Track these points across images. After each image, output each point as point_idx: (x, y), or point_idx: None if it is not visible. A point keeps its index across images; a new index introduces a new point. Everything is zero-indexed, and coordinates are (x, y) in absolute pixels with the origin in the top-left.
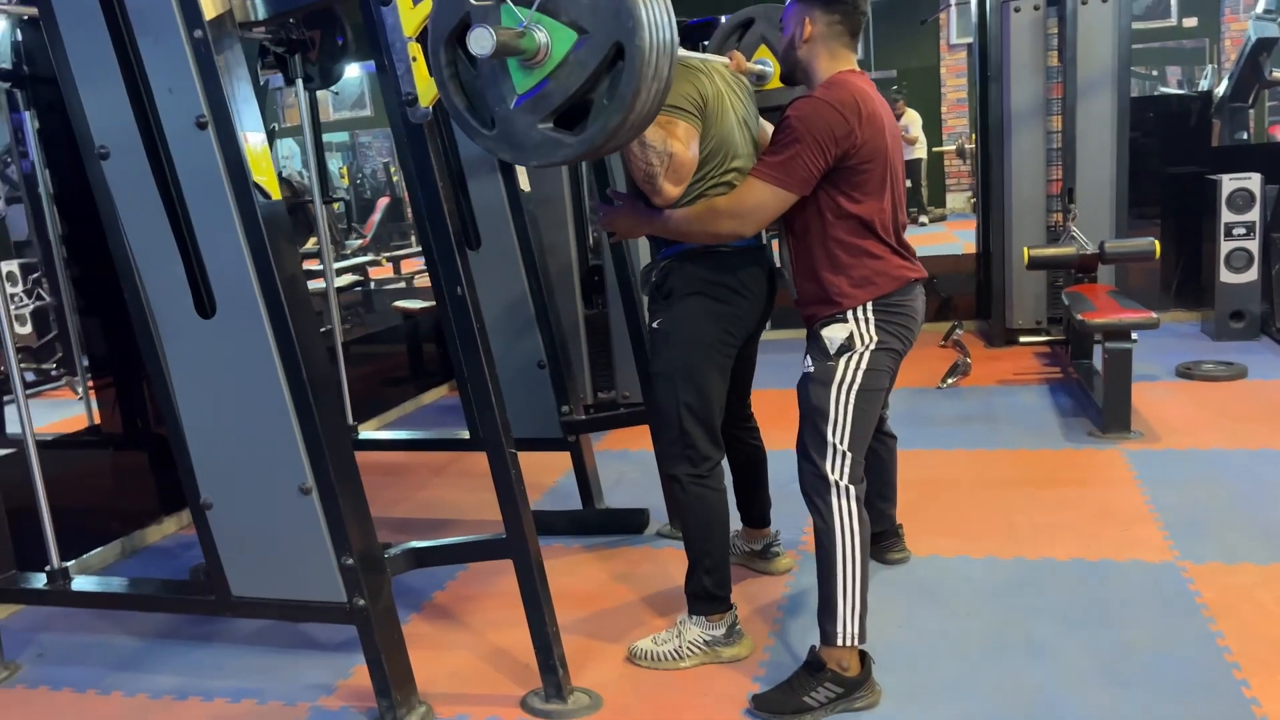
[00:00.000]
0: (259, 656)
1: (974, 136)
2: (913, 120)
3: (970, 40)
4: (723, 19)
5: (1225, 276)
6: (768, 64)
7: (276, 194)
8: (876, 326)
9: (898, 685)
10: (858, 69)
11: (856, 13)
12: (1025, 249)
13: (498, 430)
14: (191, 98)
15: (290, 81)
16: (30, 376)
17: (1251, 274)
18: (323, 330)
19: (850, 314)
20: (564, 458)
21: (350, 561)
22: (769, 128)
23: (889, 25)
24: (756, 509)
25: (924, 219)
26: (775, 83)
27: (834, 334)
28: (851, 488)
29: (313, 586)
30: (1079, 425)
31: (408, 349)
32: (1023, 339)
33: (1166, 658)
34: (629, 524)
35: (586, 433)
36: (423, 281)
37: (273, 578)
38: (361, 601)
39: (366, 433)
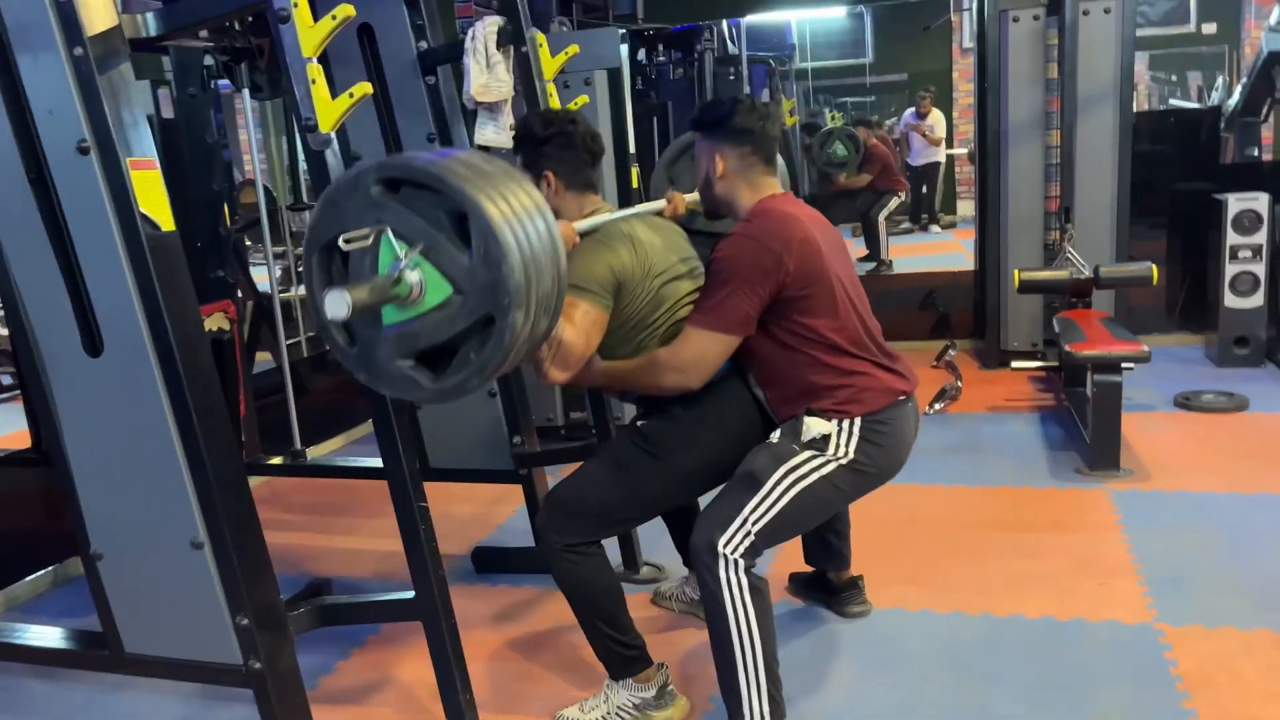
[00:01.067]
0: (180, 708)
1: None
2: (938, 120)
3: None
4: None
5: (1230, 301)
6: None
7: (168, 224)
8: (858, 446)
9: None
10: (780, 191)
11: (767, 139)
12: (1016, 271)
13: (405, 483)
14: (72, 120)
15: (239, 90)
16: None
17: (1258, 299)
18: (290, 343)
19: (838, 420)
20: (518, 490)
21: (245, 622)
22: None
23: (899, 26)
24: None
25: (935, 227)
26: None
27: (814, 426)
28: (742, 562)
29: (207, 646)
30: (1067, 461)
31: None
32: (1015, 364)
33: None
34: None
35: (540, 465)
36: None
37: (166, 635)
38: (257, 664)
39: (316, 458)
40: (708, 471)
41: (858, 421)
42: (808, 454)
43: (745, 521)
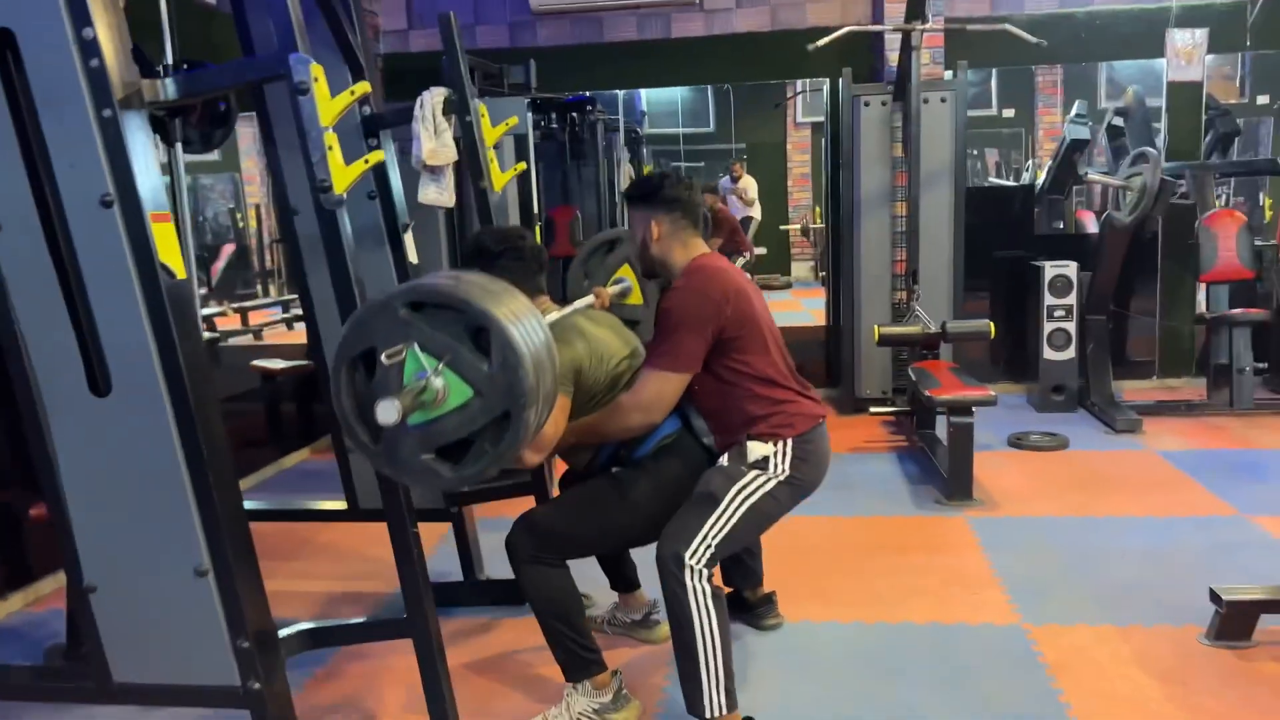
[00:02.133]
0: None
1: (818, 212)
2: (750, 185)
3: (818, 119)
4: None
5: (1047, 354)
6: (626, 280)
7: (181, 273)
8: (791, 463)
9: None
10: (708, 250)
11: (694, 206)
12: (876, 327)
13: (402, 510)
14: (96, 175)
15: (171, 144)
16: None
17: (1070, 352)
18: None
19: (774, 441)
20: (436, 527)
21: (245, 644)
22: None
23: (742, 103)
24: (625, 570)
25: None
26: (635, 298)
27: (756, 449)
28: (705, 571)
29: (204, 670)
30: (926, 493)
31: (266, 410)
32: (873, 409)
33: (1018, 716)
34: (512, 595)
35: (470, 504)
36: (273, 336)
37: (160, 662)
38: (256, 685)
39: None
40: (664, 515)
41: (790, 442)
42: (753, 473)
43: (706, 535)
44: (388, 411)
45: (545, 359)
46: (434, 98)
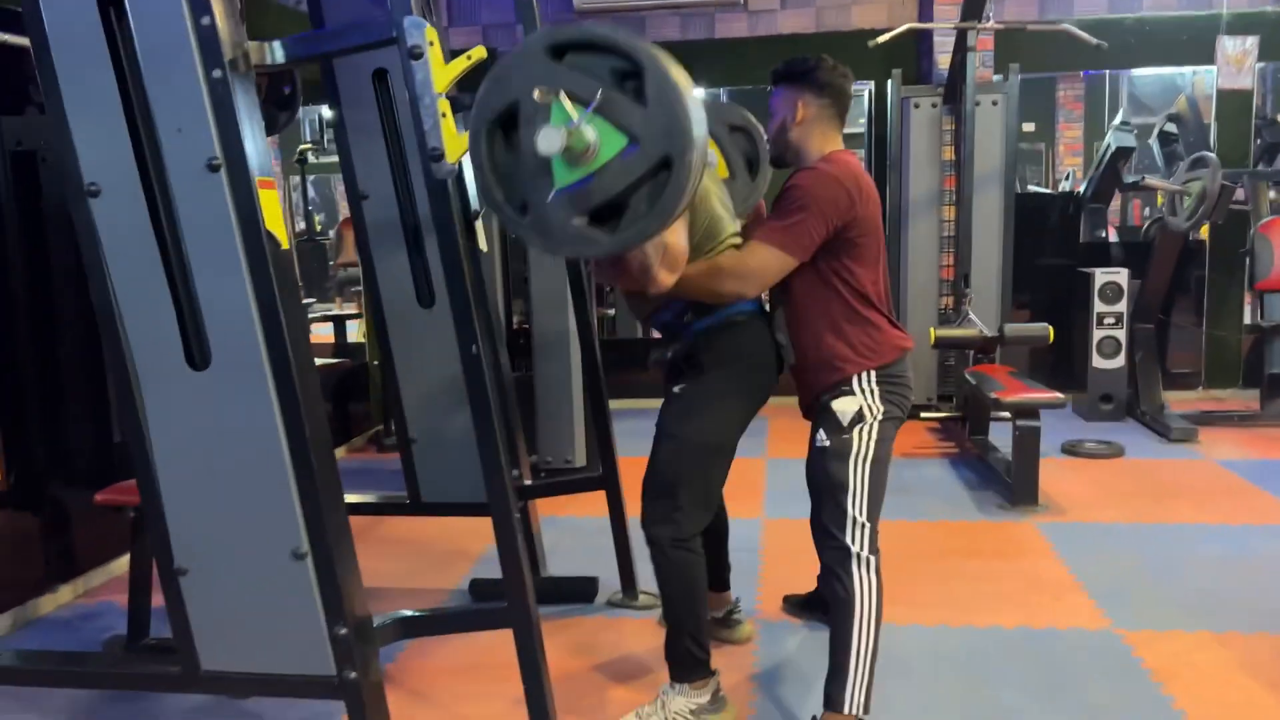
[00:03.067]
0: None
1: None
2: None
3: (855, 130)
4: None
5: (1096, 362)
6: (712, 156)
7: (286, 243)
8: (882, 397)
9: None
10: (845, 148)
11: (845, 96)
12: (931, 330)
13: (505, 495)
14: (204, 139)
15: None
16: None
17: (1119, 360)
18: None
19: (855, 384)
20: (489, 524)
21: (344, 631)
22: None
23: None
24: (719, 571)
25: None
26: (721, 170)
27: (845, 407)
28: (871, 558)
29: (297, 658)
30: (988, 498)
31: None
32: (924, 414)
33: None
34: (578, 593)
35: (534, 498)
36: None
37: (250, 649)
38: (353, 674)
39: None
40: (745, 410)
41: (873, 375)
42: (856, 432)
43: (854, 517)
44: (550, 140)
45: (699, 105)
46: None
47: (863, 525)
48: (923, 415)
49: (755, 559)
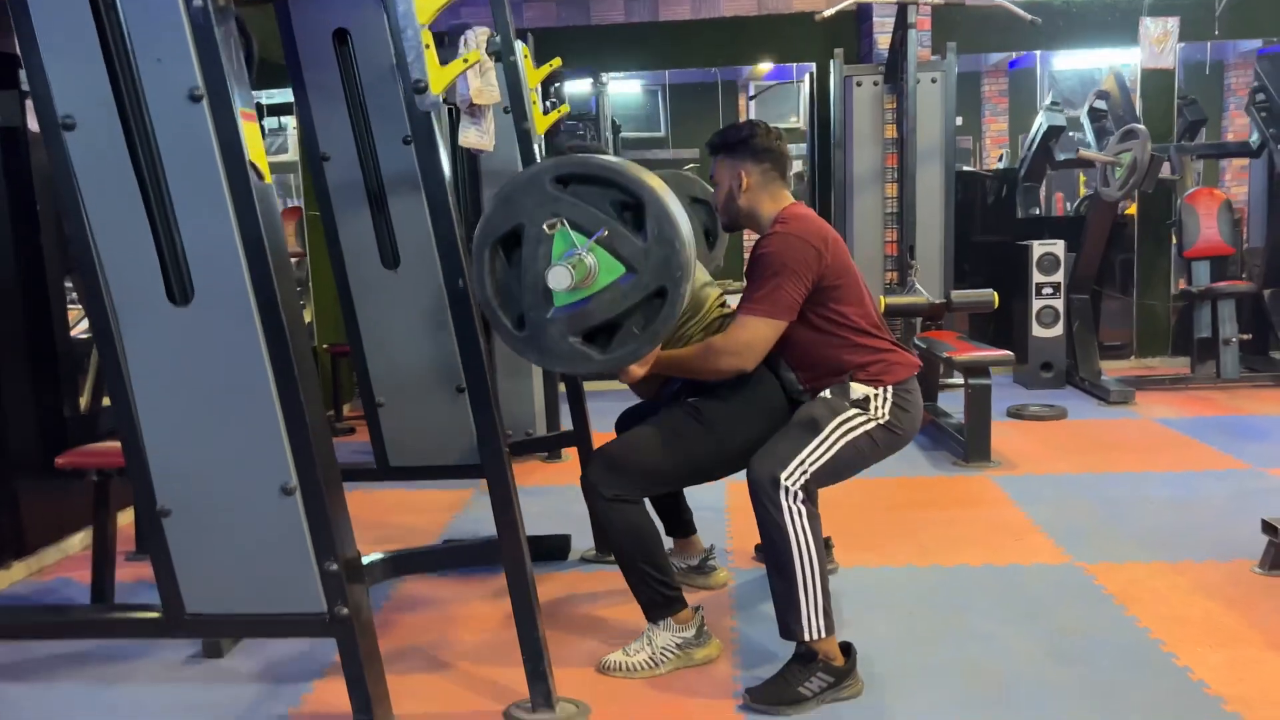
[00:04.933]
0: (186, 694)
1: None
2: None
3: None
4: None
5: (1036, 330)
6: None
7: (268, 176)
8: (891, 409)
9: (871, 677)
10: (793, 200)
11: (784, 157)
12: (881, 298)
13: (495, 432)
14: (185, 69)
15: None
16: None
17: (1058, 329)
18: None
19: (872, 385)
20: (460, 495)
21: (334, 567)
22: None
23: (690, 104)
24: (683, 515)
25: None
26: None
27: (858, 388)
28: (801, 493)
29: (286, 597)
30: (942, 457)
31: None
32: None
33: (1100, 639)
34: (551, 551)
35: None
36: None
37: (237, 590)
38: (344, 610)
39: None
40: (746, 449)
41: (890, 389)
42: (855, 410)
43: (804, 461)
44: (560, 277)
45: (692, 236)
46: (479, 36)
47: (805, 474)
48: None
49: (722, 517)
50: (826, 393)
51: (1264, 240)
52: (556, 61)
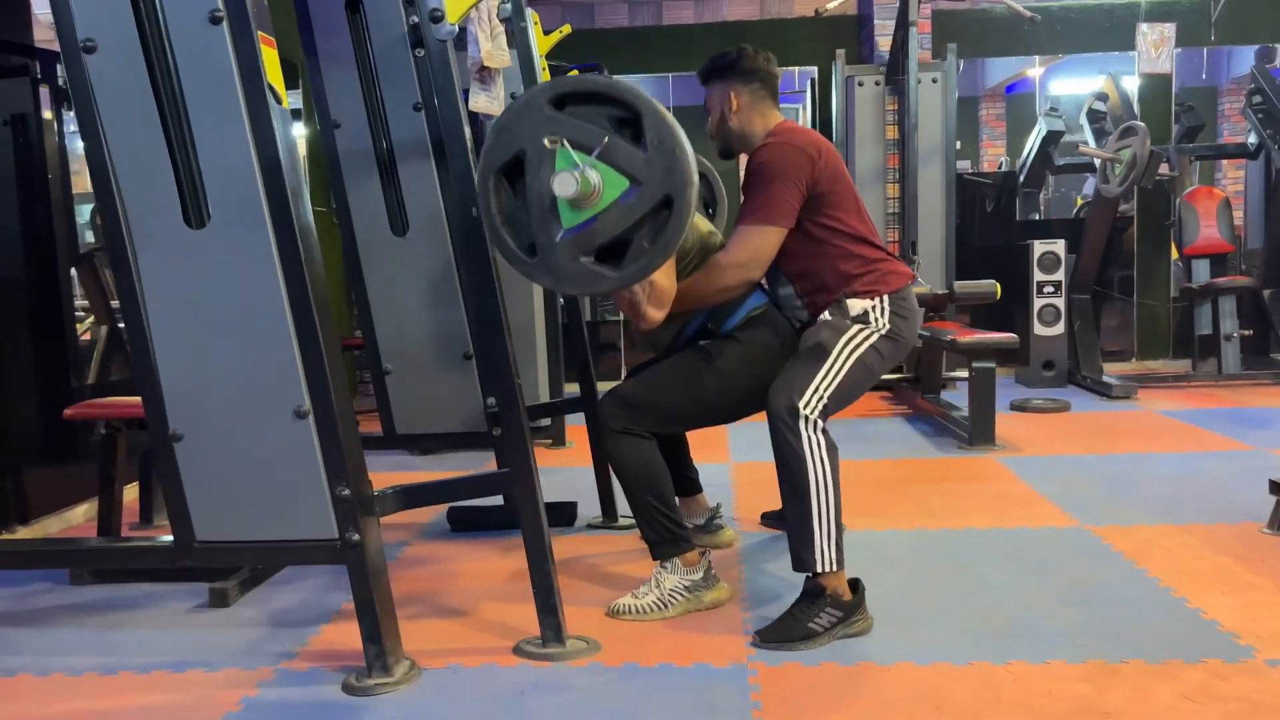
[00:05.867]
0: (190, 636)
1: None
2: None
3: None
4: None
5: (1038, 329)
6: None
7: (286, 100)
8: (890, 318)
9: (882, 620)
10: (784, 119)
11: (773, 77)
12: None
13: (508, 360)
14: None
15: None
16: None
17: (1059, 328)
18: None
19: (867, 299)
20: (466, 474)
21: (346, 492)
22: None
23: (695, 122)
24: (688, 472)
25: None
26: None
27: (855, 304)
28: (820, 423)
29: (297, 523)
30: (946, 442)
31: None
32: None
33: (1111, 588)
34: (557, 517)
35: None
36: None
37: (248, 516)
38: (356, 536)
39: None
40: (756, 389)
41: (886, 298)
42: (857, 327)
43: (819, 386)
44: (565, 183)
45: (691, 149)
46: (489, 1)
47: (821, 401)
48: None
49: (729, 491)
50: (826, 314)
51: (1263, 240)
52: (567, 28)
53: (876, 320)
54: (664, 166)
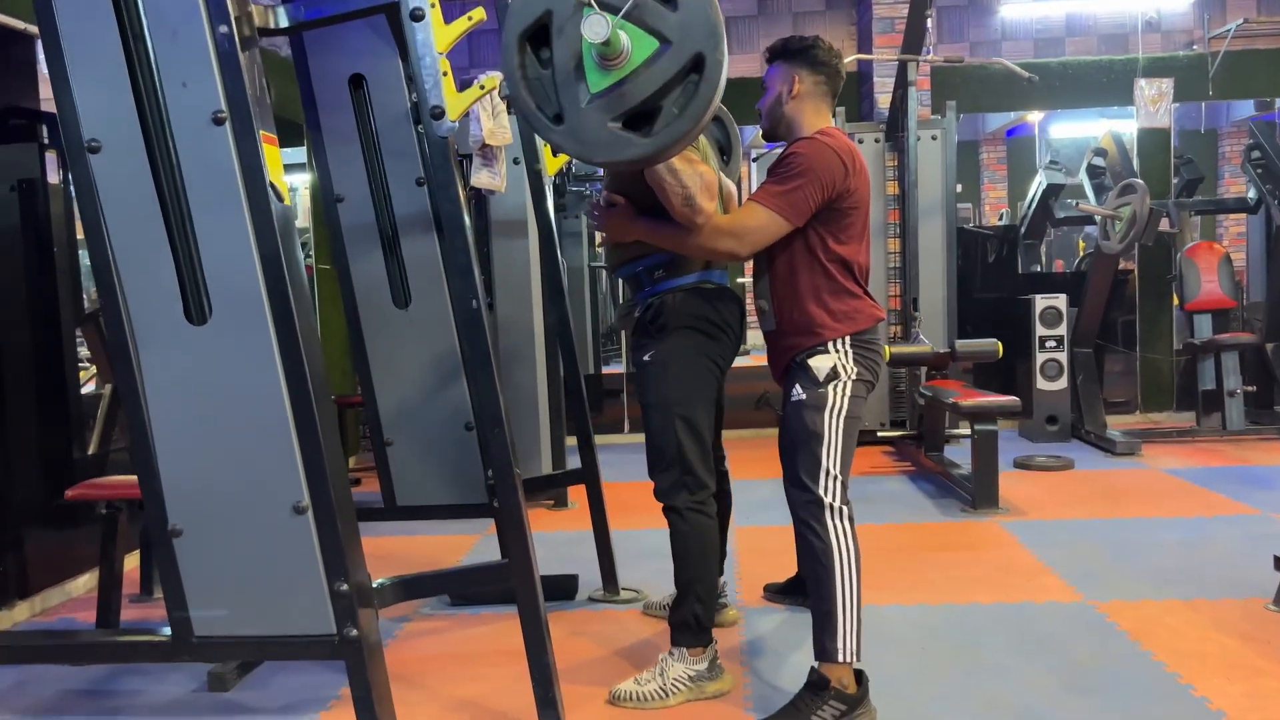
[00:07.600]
0: None
1: None
2: None
3: None
4: None
5: (1040, 384)
6: None
7: (288, 197)
8: (854, 360)
9: (886, 709)
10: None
11: (838, 75)
12: (886, 348)
13: (506, 451)
14: (209, 92)
15: None
16: None
17: (1062, 382)
18: None
19: (831, 346)
20: (468, 540)
21: (344, 587)
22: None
23: None
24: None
25: None
26: None
27: (820, 364)
28: (844, 509)
29: (297, 618)
30: (950, 504)
31: None
32: (881, 433)
33: (1115, 672)
34: (558, 590)
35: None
36: None
37: (246, 611)
38: (354, 632)
39: None
40: (713, 369)
41: (847, 340)
42: (831, 388)
43: (828, 467)
44: (596, 27)
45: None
46: (491, 79)
47: (835, 477)
48: (879, 436)
49: (731, 560)
50: (799, 392)
51: (1265, 294)
52: None
53: (845, 369)
54: (695, 22)
